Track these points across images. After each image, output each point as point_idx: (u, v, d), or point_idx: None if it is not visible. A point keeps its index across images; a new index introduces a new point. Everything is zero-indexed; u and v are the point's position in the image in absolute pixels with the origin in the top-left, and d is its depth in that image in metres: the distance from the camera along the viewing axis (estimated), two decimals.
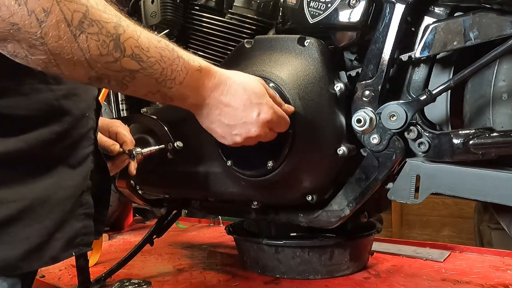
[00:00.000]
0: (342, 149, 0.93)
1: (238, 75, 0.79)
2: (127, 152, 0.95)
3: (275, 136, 0.84)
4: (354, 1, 0.91)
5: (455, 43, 0.84)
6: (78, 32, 0.55)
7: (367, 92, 0.92)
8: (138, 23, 0.64)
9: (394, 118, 0.88)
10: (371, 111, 0.91)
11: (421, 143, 0.87)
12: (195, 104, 0.75)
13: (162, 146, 1.08)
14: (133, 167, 1.01)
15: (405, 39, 0.90)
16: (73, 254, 0.71)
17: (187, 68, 0.70)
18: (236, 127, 0.77)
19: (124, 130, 0.99)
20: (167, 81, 0.67)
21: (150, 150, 1.03)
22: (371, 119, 0.91)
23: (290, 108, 0.87)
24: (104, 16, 0.57)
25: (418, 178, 0.87)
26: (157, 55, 0.65)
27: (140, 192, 1.30)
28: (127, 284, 1.12)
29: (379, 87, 0.90)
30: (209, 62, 1.14)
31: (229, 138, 0.79)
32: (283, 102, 0.85)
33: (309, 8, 0.96)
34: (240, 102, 0.76)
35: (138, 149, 0.97)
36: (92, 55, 0.57)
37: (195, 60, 0.72)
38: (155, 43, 0.65)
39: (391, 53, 0.89)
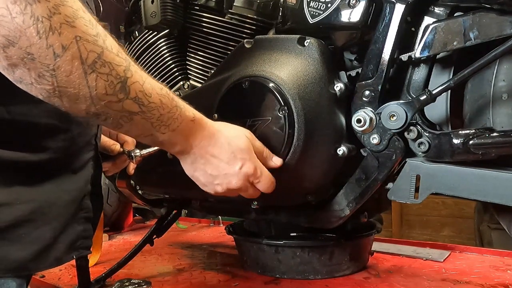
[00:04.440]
0: (342, 149, 0.93)
1: (228, 130, 0.82)
2: (126, 152, 0.96)
3: (258, 194, 0.86)
4: (354, 1, 0.91)
5: (455, 43, 0.84)
6: (89, 71, 0.56)
7: (367, 92, 0.91)
8: (144, 70, 0.67)
9: (394, 118, 0.88)
10: (371, 111, 0.91)
11: (421, 143, 0.87)
12: (181, 151, 0.77)
13: None
14: (131, 167, 1.01)
15: (405, 39, 0.90)
16: (74, 257, 0.73)
17: (182, 117, 0.72)
18: (219, 177, 0.80)
19: None
20: (161, 126, 0.69)
21: (149, 152, 1.03)
22: (371, 119, 0.90)
23: (278, 161, 0.89)
24: (117, 59, 0.60)
25: (418, 178, 0.87)
26: (158, 102, 0.67)
27: (140, 192, 1.30)
28: (127, 284, 1.12)
29: (379, 87, 0.90)
30: (209, 66, 1.17)
31: (210, 187, 0.82)
32: (271, 156, 0.88)
33: (309, 8, 0.96)
34: (226, 155, 0.79)
35: (137, 151, 0.97)
36: (98, 93, 0.58)
37: (190, 111, 0.75)
38: (157, 90, 0.67)
39: (391, 53, 0.88)
